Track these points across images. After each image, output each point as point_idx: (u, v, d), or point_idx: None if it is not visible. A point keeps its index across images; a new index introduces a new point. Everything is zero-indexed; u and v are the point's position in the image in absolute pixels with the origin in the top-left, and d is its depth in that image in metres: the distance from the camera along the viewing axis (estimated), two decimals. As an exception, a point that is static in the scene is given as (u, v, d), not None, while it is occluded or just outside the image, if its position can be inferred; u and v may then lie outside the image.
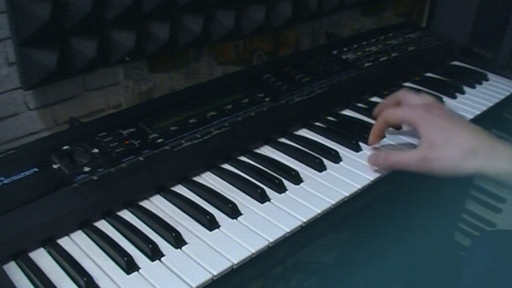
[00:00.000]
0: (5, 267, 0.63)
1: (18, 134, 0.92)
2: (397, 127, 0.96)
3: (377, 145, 0.88)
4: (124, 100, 1.05)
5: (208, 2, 1.04)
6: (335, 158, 0.86)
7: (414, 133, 0.91)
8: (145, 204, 0.75)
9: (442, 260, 1.52)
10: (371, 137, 0.86)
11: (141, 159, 0.77)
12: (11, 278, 0.61)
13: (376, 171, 0.83)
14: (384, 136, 0.92)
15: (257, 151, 0.88)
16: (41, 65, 0.85)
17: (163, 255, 0.65)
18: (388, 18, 1.59)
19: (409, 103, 0.83)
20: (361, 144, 0.90)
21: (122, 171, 0.75)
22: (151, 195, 0.76)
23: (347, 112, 1.03)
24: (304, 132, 0.95)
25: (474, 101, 1.10)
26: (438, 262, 1.51)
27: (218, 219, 0.71)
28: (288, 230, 0.70)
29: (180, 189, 0.78)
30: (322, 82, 1.04)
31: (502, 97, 1.14)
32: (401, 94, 0.86)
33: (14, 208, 0.66)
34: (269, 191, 0.77)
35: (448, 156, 0.73)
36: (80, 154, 0.76)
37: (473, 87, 1.17)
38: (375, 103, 1.07)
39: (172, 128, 0.84)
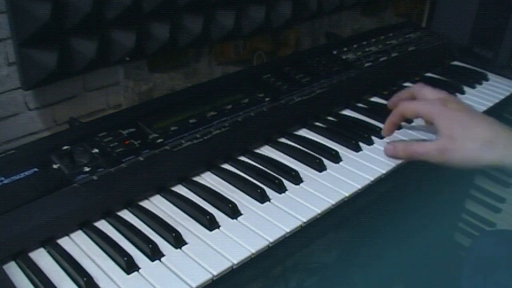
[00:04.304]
0: (5, 267, 0.63)
1: (18, 134, 0.92)
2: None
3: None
4: (124, 100, 1.05)
5: (208, 2, 1.04)
6: (335, 158, 0.86)
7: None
8: (145, 204, 0.75)
9: (442, 260, 1.52)
10: (386, 129, 0.88)
11: (141, 159, 0.77)
12: (11, 278, 0.61)
13: (376, 171, 0.83)
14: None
15: (257, 151, 0.88)
16: (41, 65, 0.85)
17: (163, 255, 0.65)
18: (388, 18, 1.59)
19: (425, 98, 0.84)
20: (361, 144, 0.90)
21: (122, 171, 0.75)
22: (151, 195, 0.76)
23: (347, 112, 1.03)
24: (304, 132, 0.95)
25: (474, 101, 1.10)
26: (438, 262, 1.51)
27: (218, 219, 0.71)
28: (288, 230, 0.70)
29: (180, 189, 0.78)
30: (322, 82, 1.04)
31: (502, 97, 1.14)
32: (417, 88, 0.86)
33: (14, 208, 0.66)
34: (269, 191, 0.77)
35: (467, 147, 0.75)
36: (80, 154, 0.76)
37: (473, 87, 1.17)
38: (375, 103, 1.07)
39: (172, 128, 0.84)
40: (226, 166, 0.84)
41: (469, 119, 0.77)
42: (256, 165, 0.84)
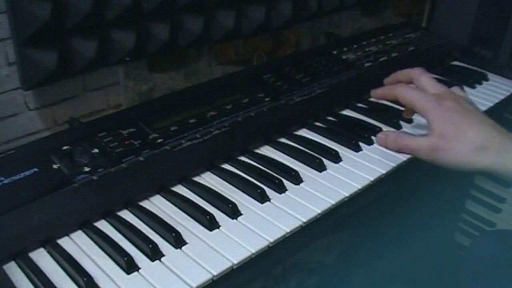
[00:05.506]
0: (5, 267, 0.63)
1: (18, 134, 0.92)
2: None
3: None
4: (124, 100, 1.05)
5: (208, 2, 1.04)
6: (335, 158, 0.86)
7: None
8: (145, 204, 0.75)
9: (442, 260, 1.52)
10: (376, 94, 0.84)
11: (141, 159, 0.77)
12: (11, 278, 0.61)
13: (376, 171, 0.83)
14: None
15: (257, 151, 0.88)
16: (41, 65, 0.85)
17: (163, 255, 0.65)
18: (388, 18, 1.59)
19: (422, 87, 0.81)
20: (361, 144, 0.90)
21: (122, 171, 0.75)
22: (151, 195, 0.76)
23: (347, 112, 1.03)
24: (304, 132, 0.95)
25: (474, 101, 1.10)
26: (438, 262, 1.51)
27: (218, 219, 0.71)
28: (288, 230, 0.70)
29: (180, 189, 0.78)
30: (322, 82, 1.04)
31: (502, 97, 1.14)
32: (416, 73, 0.83)
33: (14, 208, 0.66)
34: (269, 191, 0.77)
35: (458, 149, 0.72)
36: (80, 154, 0.76)
37: (473, 87, 1.17)
38: (375, 103, 1.07)
39: (172, 128, 0.84)
40: (226, 166, 0.84)
41: (463, 119, 0.73)
42: (256, 165, 0.84)
